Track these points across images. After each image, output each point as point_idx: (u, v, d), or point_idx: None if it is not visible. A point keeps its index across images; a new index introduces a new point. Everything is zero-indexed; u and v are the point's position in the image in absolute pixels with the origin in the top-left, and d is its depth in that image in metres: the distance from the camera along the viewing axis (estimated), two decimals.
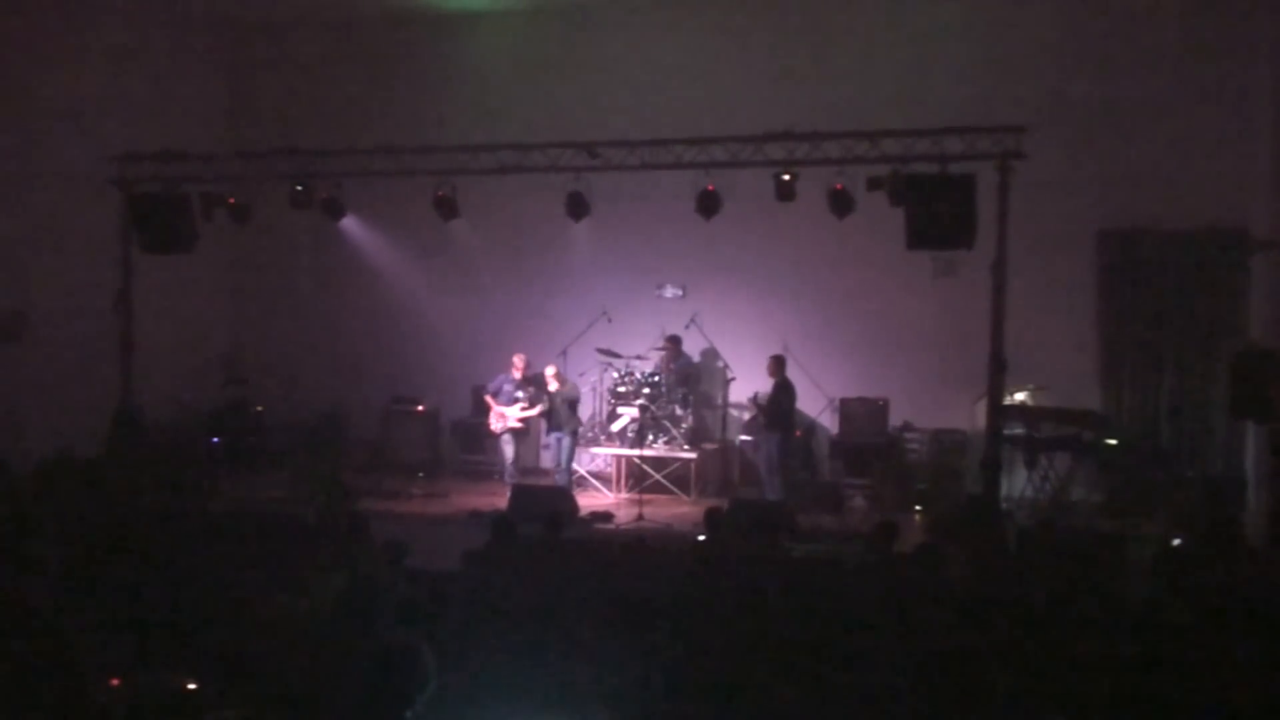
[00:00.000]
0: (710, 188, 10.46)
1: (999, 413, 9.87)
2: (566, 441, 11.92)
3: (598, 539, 10.07)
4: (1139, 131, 11.62)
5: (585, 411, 12.87)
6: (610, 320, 13.00)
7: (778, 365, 11.66)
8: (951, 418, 12.16)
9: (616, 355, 12.82)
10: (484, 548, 7.92)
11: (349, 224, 12.71)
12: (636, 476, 12.27)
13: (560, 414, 11.85)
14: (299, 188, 11.48)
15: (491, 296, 13.97)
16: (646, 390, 12.40)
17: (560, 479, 11.88)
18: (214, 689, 4.43)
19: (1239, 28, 11.32)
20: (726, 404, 13.08)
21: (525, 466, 12.90)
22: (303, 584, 6.38)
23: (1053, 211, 11.48)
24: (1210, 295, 11.65)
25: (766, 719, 4.70)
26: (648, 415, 12.24)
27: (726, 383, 12.90)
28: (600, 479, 12.74)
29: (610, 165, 10.68)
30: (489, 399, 12.22)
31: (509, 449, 12.17)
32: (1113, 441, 11.15)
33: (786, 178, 10.27)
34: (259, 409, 13.91)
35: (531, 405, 11.85)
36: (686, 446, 12.38)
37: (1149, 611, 6.25)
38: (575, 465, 12.39)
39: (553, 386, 11.91)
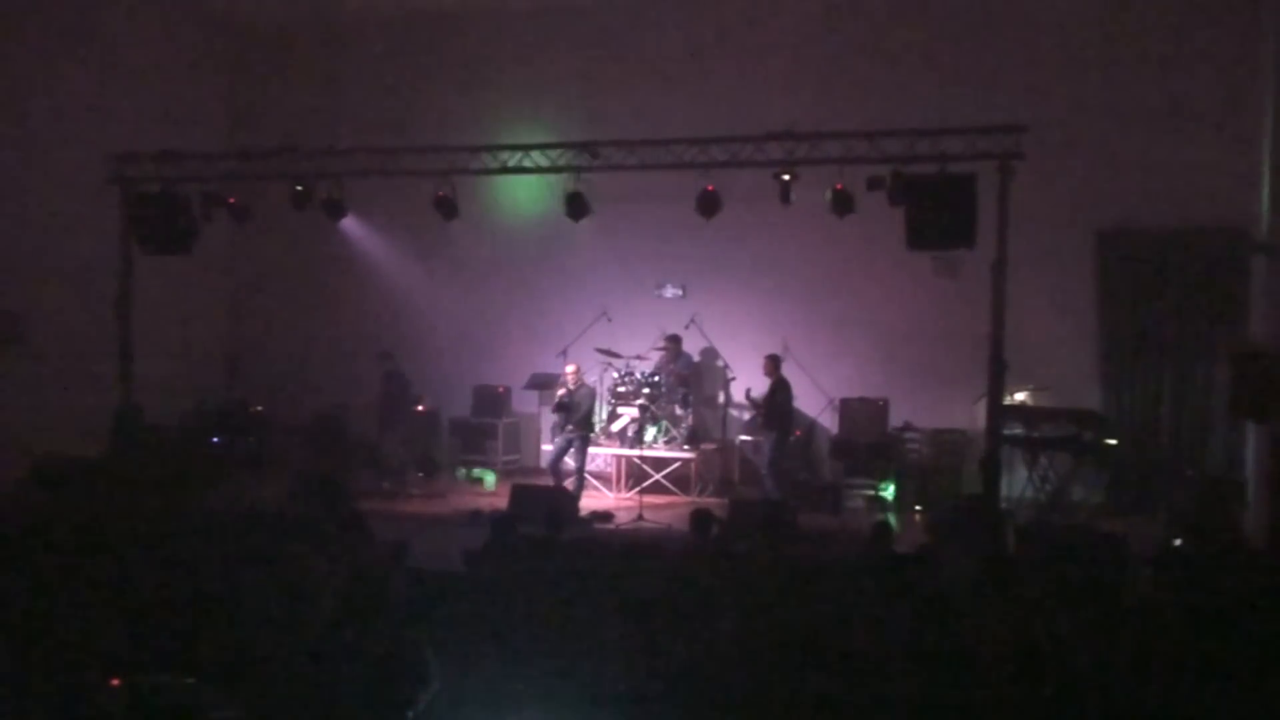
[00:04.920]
0: (710, 188, 10.45)
1: (999, 413, 9.87)
2: (579, 443, 11.67)
3: (598, 539, 10.06)
4: (1139, 131, 11.63)
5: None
6: (610, 320, 13.01)
7: (773, 364, 11.68)
8: (951, 418, 12.16)
9: (616, 355, 12.82)
10: (484, 548, 7.91)
11: (349, 224, 12.71)
12: (636, 476, 12.27)
13: (577, 411, 11.62)
14: (299, 188, 11.48)
15: (491, 296, 13.97)
16: (646, 390, 12.40)
17: (572, 483, 11.60)
18: (214, 689, 4.43)
19: (1239, 27, 11.32)
20: (727, 404, 13.08)
21: (524, 466, 12.87)
22: (303, 584, 6.38)
23: (1053, 211, 11.49)
24: (1210, 295, 11.64)
25: None
26: (648, 415, 12.23)
27: (726, 383, 12.90)
28: (600, 479, 12.74)
29: (610, 165, 10.67)
30: None
31: None
32: (1113, 441, 11.15)
33: (786, 178, 10.26)
34: (259, 409, 13.91)
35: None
36: (686, 446, 12.38)
37: (1148, 612, 6.24)
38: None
39: (572, 385, 11.68)
